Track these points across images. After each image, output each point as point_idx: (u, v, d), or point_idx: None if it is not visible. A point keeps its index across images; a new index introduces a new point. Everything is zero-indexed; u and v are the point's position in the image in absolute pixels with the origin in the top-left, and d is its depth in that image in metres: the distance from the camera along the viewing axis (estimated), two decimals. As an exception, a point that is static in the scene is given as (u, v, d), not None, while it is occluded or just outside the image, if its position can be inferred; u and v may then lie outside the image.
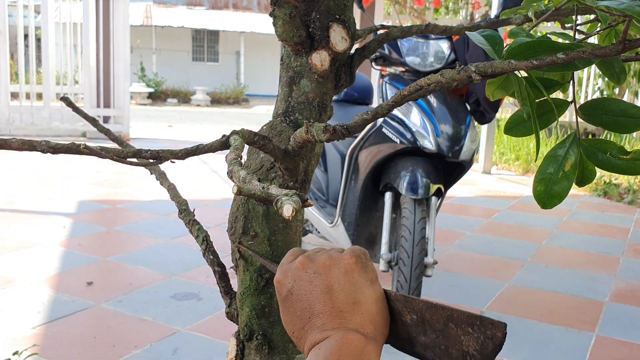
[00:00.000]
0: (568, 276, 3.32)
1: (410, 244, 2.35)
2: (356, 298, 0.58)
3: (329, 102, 0.92)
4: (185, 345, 2.29)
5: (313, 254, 0.62)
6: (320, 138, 0.71)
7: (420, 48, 2.63)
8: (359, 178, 2.69)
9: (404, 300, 0.61)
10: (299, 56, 0.88)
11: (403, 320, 0.60)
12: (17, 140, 0.55)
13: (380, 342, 0.58)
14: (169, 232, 3.77)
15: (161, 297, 2.74)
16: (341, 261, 0.60)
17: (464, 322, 0.57)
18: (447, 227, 4.21)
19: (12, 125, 8.05)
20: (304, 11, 0.85)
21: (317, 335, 0.57)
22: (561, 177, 0.68)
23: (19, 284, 2.83)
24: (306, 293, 0.59)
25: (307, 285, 0.59)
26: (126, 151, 0.56)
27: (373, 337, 0.57)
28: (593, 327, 2.64)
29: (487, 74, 0.66)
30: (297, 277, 0.60)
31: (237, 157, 0.54)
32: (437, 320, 0.58)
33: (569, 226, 4.48)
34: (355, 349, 0.54)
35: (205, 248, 0.86)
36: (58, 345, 2.25)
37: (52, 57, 8.09)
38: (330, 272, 0.59)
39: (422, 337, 0.59)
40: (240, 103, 20.72)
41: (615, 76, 0.74)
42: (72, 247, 3.40)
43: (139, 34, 21.79)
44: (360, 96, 3.39)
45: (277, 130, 0.85)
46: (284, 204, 0.37)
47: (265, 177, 0.82)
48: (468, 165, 2.62)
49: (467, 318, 0.56)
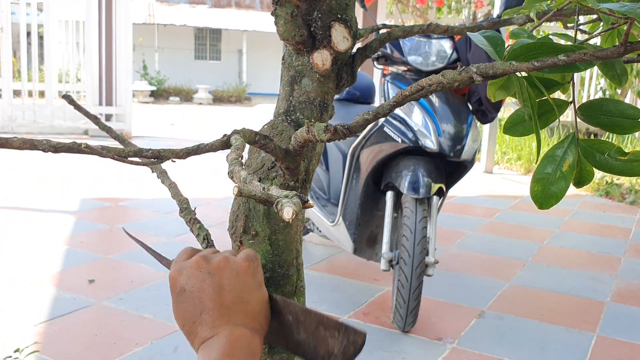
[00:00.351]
0: (569, 276, 3.32)
1: (412, 243, 2.35)
2: (244, 298, 0.64)
3: (331, 102, 0.92)
4: (186, 344, 2.29)
5: (209, 255, 0.67)
6: (321, 138, 0.71)
7: (422, 47, 2.63)
8: (360, 177, 2.69)
9: (283, 302, 0.69)
10: (301, 55, 0.88)
11: (282, 319, 0.68)
12: (19, 139, 0.55)
13: (262, 337, 0.65)
14: (171, 230, 3.77)
15: (162, 295, 2.74)
16: (234, 264, 0.66)
17: (331, 327, 0.65)
18: (448, 227, 4.21)
19: (14, 123, 8.06)
20: (306, 10, 0.85)
21: (206, 332, 0.62)
22: (559, 177, 0.68)
23: (21, 281, 2.83)
24: (198, 290, 0.64)
25: (200, 284, 0.64)
26: (127, 150, 0.56)
27: (257, 332, 0.64)
28: (594, 327, 2.64)
29: (488, 75, 0.66)
30: (191, 275, 0.64)
31: (238, 157, 0.54)
32: (309, 323, 0.66)
33: (570, 226, 4.48)
34: (244, 342, 0.61)
35: (206, 247, 0.86)
36: (59, 343, 2.25)
37: (54, 54, 8.10)
38: (222, 273, 0.64)
39: (296, 336, 0.67)
40: (243, 101, 20.72)
41: (616, 77, 0.74)
42: (74, 245, 3.40)
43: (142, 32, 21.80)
44: (362, 95, 3.39)
45: (278, 129, 0.85)
46: (285, 207, 0.37)
47: (266, 176, 0.82)
48: (470, 164, 2.62)
49: (335, 324, 0.64)
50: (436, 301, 2.85)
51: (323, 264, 3.34)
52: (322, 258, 3.43)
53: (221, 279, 0.64)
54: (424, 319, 2.61)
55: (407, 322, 2.44)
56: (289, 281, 0.78)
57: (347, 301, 2.80)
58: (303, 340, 0.67)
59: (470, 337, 2.48)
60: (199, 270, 0.64)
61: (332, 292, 2.90)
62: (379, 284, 3.04)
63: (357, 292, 2.92)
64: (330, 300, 2.80)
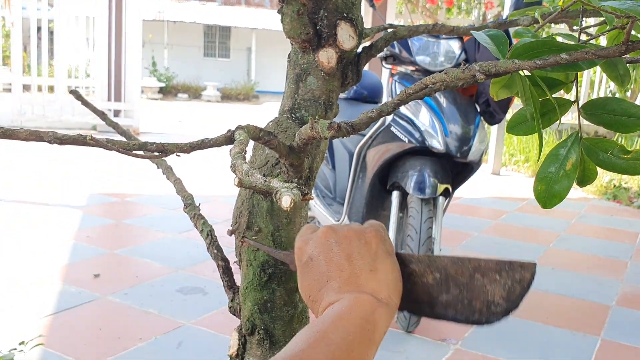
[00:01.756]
0: (575, 279, 3.31)
1: (416, 243, 2.35)
2: (374, 266, 0.61)
3: (335, 100, 0.92)
4: (190, 339, 2.30)
5: (336, 226, 0.65)
6: (325, 135, 0.72)
7: (430, 47, 2.63)
8: (366, 176, 2.69)
9: (428, 260, 0.62)
10: (306, 53, 0.89)
11: (424, 281, 0.61)
12: (25, 130, 0.55)
13: (393, 309, 0.60)
14: (177, 226, 3.78)
15: (167, 290, 2.76)
16: (362, 233, 0.63)
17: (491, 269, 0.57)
18: (454, 228, 4.21)
19: (23, 117, 8.11)
20: (312, 9, 0.86)
21: (332, 297, 0.59)
22: (562, 176, 0.68)
23: (28, 275, 2.85)
24: (326, 259, 0.62)
25: (328, 252, 0.62)
26: (132, 143, 0.56)
27: (386, 303, 0.59)
28: (598, 331, 2.63)
29: (491, 73, 0.66)
30: (318, 244, 0.63)
31: (240, 152, 0.55)
32: (462, 274, 0.59)
33: (577, 229, 4.46)
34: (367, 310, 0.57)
35: (210, 242, 0.86)
36: (64, 336, 2.26)
37: (64, 50, 8.14)
38: (351, 242, 0.62)
39: (444, 296, 0.60)
40: (251, 99, 20.75)
41: (619, 78, 0.74)
42: (81, 239, 3.42)
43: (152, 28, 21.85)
44: (370, 94, 3.39)
45: (283, 126, 0.86)
46: (283, 195, 0.38)
47: (270, 172, 0.82)
48: (476, 165, 2.61)
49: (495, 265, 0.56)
50: (440, 302, 2.85)
51: (328, 262, 3.34)
52: (327, 257, 3.44)
53: (349, 248, 0.62)
54: (427, 319, 2.60)
55: (410, 322, 2.44)
56: (291, 277, 0.79)
57: (351, 300, 2.80)
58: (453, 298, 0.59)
59: (473, 338, 2.48)
60: (326, 239, 0.63)
61: (336, 291, 2.91)
62: (383, 284, 3.04)
63: (361, 291, 2.93)
64: (334, 298, 2.81)
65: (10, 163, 5.58)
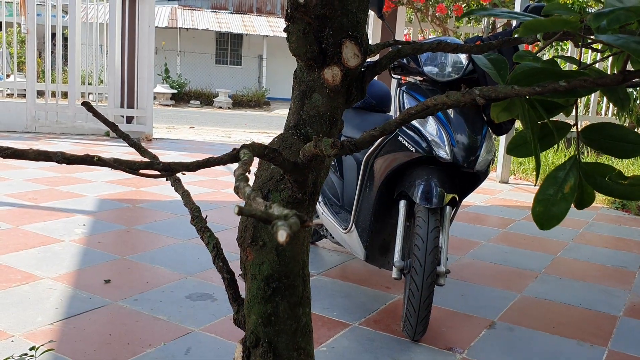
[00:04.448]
0: (582, 289, 3.31)
1: (423, 252, 2.36)
2: None
3: (340, 116, 0.94)
4: (198, 346, 2.33)
5: None
6: (328, 153, 0.74)
7: (438, 58, 2.64)
8: (374, 185, 2.71)
9: None
10: (312, 71, 0.91)
11: None
12: (34, 151, 0.58)
13: None
14: (187, 232, 3.82)
15: (176, 296, 2.78)
16: None
17: None
18: (462, 236, 4.21)
19: (37, 123, 8.19)
20: (318, 27, 0.88)
21: None
22: (560, 199, 0.69)
23: (39, 280, 2.89)
24: None
25: None
26: (138, 163, 0.59)
27: None
28: (606, 342, 2.63)
29: (491, 97, 0.68)
30: None
31: (244, 173, 0.57)
32: None
33: (584, 238, 4.45)
34: None
35: (216, 255, 0.88)
36: (74, 342, 2.30)
37: (78, 56, 8.23)
38: None
39: None
40: (262, 106, 20.83)
41: (619, 101, 0.76)
42: (92, 245, 3.46)
43: (164, 35, 22.01)
44: (378, 104, 3.41)
45: (288, 142, 0.88)
46: (279, 229, 0.39)
47: (275, 188, 0.84)
48: (483, 175, 2.62)
49: None
50: (447, 310, 2.85)
51: (335, 270, 3.36)
52: (334, 264, 3.46)
53: None
54: (434, 328, 2.62)
55: (417, 331, 2.45)
56: (294, 291, 0.81)
57: (358, 308, 2.82)
58: None
59: (480, 347, 2.49)
60: None
61: (344, 299, 2.92)
62: (390, 292, 3.05)
63: (368, 299, 2.94)
64: (342, 306, 2.82)
65: (21, 168, 5.65)
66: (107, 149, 7.18)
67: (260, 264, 0.82)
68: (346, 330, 2.57)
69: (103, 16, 8.54)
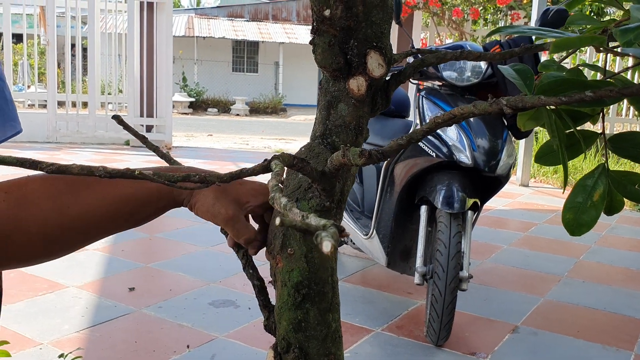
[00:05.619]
0: (606, 292, 3.28)
1: (446, 258, 2.36)
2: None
3: (365, 125, 0.96)
4: (223, 352, 2.35)
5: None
6: (356, 162, 0.75)
7: (457, 63, 2.65)
8: (394, 191, 2.72)
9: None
10: (337, 81, 0.93)
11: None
12: (77, 166, 0.60)
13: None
14: (209, 239, 3.85)
15: (200, 303, 2.81)
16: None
17: None
18: (483, 240, 4.20)
19: (58, 133, 8.31)
20: (343, 39, 0.90)
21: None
22: (590, 207, 0.70)
23: (65, 288, 2.94)
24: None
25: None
26: (176, 176, 0.61)
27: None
28: (632, 346, 2.60)
29: (517, 107, 0.69)
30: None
31: (278, 184, 0.59)
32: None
33: (607, 241, 4.41)
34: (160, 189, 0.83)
35: (245, 262, 0.90)
36: (101, 349, 2.33)
37: (97, 66, 8.34)
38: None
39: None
40: (278, 113, 20.91)
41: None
42: (115, 253, 3.51)
43: (182, 44, 22.21)
44: (397, 109, 3.42)
45: (315, 152, 0.89)
46: (323, 240, 0.41)
47: (303, 196, 0.86)
48: (504, 180, 2.62)
49: None
50: (470, 315, 2.85)
51: (356, 276, 3.37)
52: (356, 270, 3.46)
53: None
54: (457, 333, 2.62)
55: (440, 336, 2.45)
56: (324, 298, 0.82)
57: (380, 314, 2.82)
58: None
59: (503, 352, 2.48)
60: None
61: (366, 305, 2.93)
62: (412, 298, 3.05)
63: (390, 305, 2.94)
64: (364, 312, 2.83)
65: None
66: (128, 157, 7.26)
67: (290, 271, 0.84)
68: (369, 336, 2.58)
69: (122, 26, 8.65)
